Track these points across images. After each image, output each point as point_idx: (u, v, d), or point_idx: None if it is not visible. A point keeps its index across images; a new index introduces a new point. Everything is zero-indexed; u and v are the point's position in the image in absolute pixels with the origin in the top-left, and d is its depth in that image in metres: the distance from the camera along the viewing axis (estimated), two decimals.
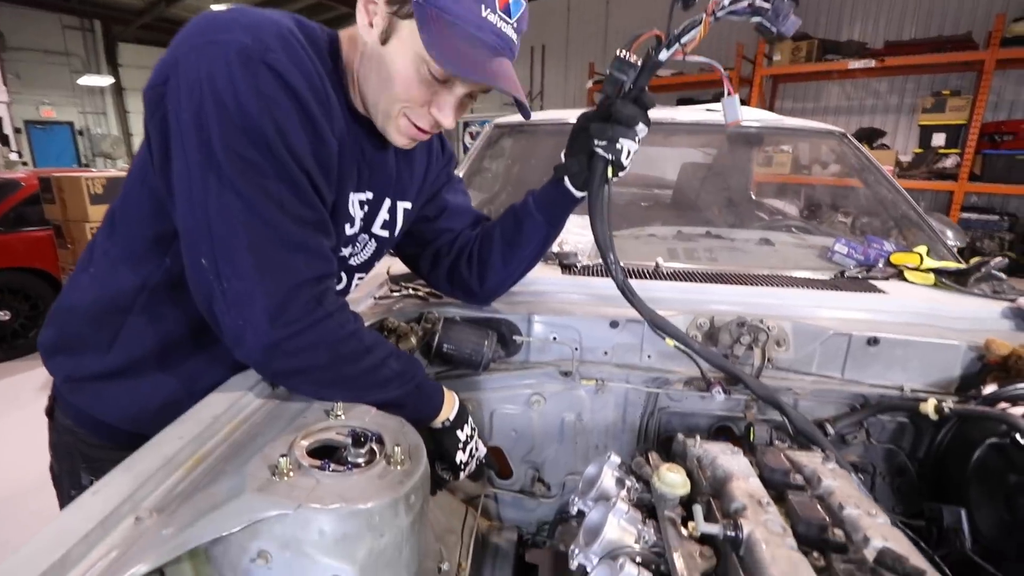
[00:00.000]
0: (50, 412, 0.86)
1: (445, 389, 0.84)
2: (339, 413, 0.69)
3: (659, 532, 0.65)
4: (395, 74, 0.68)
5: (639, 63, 0.74)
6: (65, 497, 0.88)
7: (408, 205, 0.91)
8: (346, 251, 0.84)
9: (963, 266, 1.22)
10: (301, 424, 0.66)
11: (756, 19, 0.65)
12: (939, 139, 5.88)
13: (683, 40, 0.70)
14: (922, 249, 1.30)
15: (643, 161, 2.72)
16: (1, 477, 2.56)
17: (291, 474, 0.56)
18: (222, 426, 0.66)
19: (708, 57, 0.74)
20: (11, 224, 3.85)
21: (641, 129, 0.79)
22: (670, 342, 0.82)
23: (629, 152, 0.80)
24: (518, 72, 0.70)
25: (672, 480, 0.67)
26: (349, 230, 0.81)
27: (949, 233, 1.78)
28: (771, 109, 8.00)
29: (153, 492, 0.54)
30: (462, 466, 0.85)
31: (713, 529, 0.60)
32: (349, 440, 0.63)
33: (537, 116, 2.13)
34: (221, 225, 0.62)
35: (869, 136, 6.63)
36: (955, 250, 1.63)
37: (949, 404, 0.84)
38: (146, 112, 0.65)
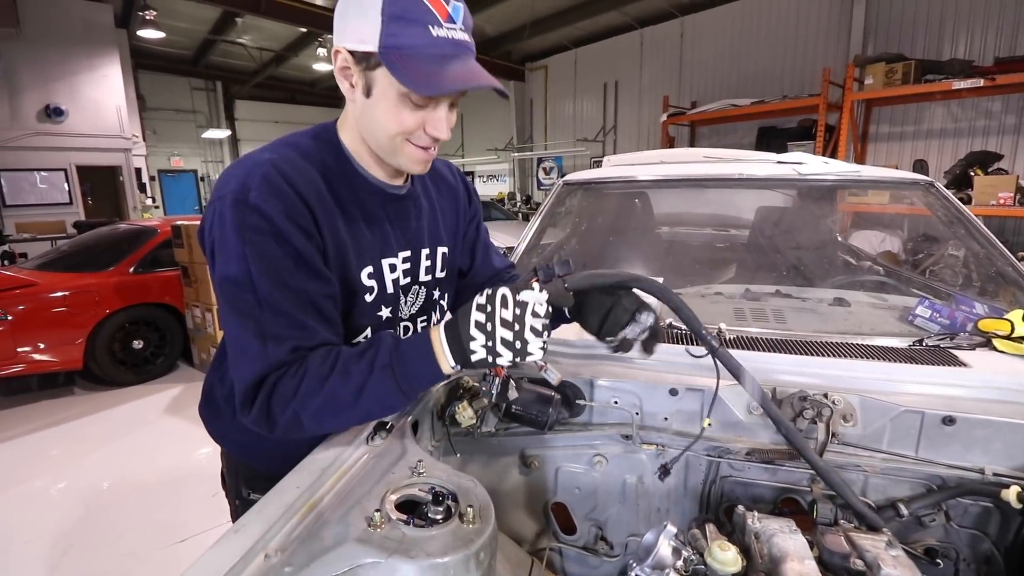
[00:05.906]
0: None
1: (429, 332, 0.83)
2: (421, 471, 0.80)
3: None
4: (388, 115, 0.80)
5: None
6: (232, 503, 1.16)
7: (446, 249, 1.05)
8: (386, 311, 0.95)
9: None
10: (391, 480, 0.78)
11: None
12: None
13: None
14: (1016, 315, 1.21)
15: (719, 202, 2.71)
16: (120, 484, 2.95)
17: (383, 526, 0.67)
18: (328, 477, 0.79)
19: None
20: (148, 265, 4.48)
21: (646, 318, 0.89)
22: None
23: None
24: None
25: (723, 558, 0.71)
26: (369, 297, 0.91)
27: None
28: (864, 135, 7.58)
29: (277, 535, 0.66)
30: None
31: None
32: (429, 497, 0.74)
33: (603, 172, 2.22)
34: (227, 334, 0.83)
35: (983, 160, 6.00)
36: None
37: None
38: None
